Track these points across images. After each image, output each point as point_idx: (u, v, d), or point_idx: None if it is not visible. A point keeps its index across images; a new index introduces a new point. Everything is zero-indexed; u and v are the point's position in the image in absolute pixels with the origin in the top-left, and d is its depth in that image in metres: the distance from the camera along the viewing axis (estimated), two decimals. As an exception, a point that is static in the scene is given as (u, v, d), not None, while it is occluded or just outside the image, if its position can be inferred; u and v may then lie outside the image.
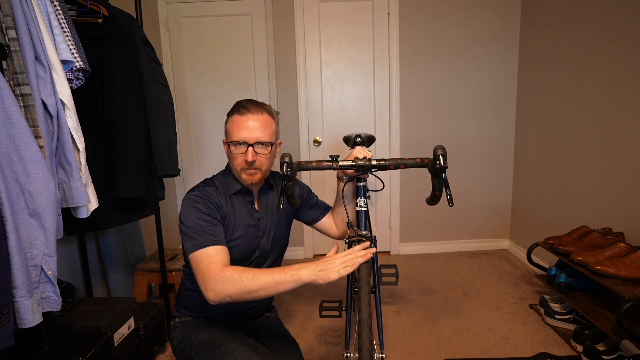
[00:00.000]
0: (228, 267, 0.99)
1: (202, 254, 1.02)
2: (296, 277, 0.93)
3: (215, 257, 1.01)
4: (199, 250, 1.03)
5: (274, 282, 0.94)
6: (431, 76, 2.81)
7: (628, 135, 1.82)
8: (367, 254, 0.95)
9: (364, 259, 0.95)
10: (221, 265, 1.00)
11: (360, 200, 1.25)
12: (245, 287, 0.94)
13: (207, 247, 1.03)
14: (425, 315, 2.09)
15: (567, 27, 2.22)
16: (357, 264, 0.93)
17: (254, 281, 0.94)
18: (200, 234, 1.05)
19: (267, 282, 0.94)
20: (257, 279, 0.94)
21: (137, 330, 1.61)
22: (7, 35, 0.97)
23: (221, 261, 1.01)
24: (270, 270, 0.96)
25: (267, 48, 2.79)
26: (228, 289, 0.95)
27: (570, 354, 1.71)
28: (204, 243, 1.04)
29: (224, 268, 0.99)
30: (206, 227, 1.07)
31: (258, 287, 0.94)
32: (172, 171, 1.74)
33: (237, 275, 0.96)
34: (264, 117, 1.12)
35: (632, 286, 1.44)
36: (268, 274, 0.95)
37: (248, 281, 0.94)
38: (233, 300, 0.97)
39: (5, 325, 0.90)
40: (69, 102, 1.11)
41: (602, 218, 2.00)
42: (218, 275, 0.97)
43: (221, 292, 0.96)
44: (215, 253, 1.03)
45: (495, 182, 2.96)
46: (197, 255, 1.03)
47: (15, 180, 0.95)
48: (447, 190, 0.99)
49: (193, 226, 1.07)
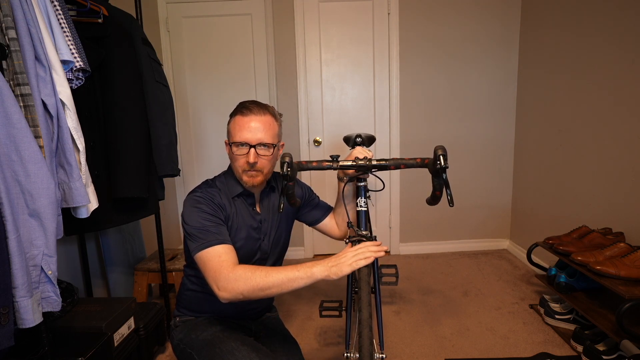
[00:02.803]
0: (240, 266, 1.00)
1: (210, 252, 1.02)
2: (309, 274, 0.94)
3: (225, 256, 1.01)
4: (206, 249, 1.02)
5: (287, 279, 0.94)
6: (431, 76, 2.81)
7: (628, 135, 1.82)
8: (380, 251, 0.97)
9: (377, 254, 0.96)
10: (232, 263, 1.00)
11: (360, 200, 1.25)
12: (258, 284, 0.94)
13: (214, 246, 1.03)
14: (425, 315, 2.09)
15: (567, 28, 2.23)
16: (371, 258, 0.94)
17: (267, 278, 0.95)
18: (206, 233, 1.05)
19: (280, 279, 0.94)
20: (270, 276, 0.95)
21: (137, 330, 1.60)
22: (7, 35, 0.96)
23: (232, 259, 1.02)
24: (283, 268, 0.97)
25: (267, 48, 2.79)
26: (240, 286, 0.95)
27: (570, 354, 1.71)
28: (210, 242, 1.03)
29: (236, 266, 0.99)
30: (211, 226, 1.07)
31: (271, 284, 0.94)
32: (172, 171, 1.74)
33: (250, 273, 0.96)
34: (266, 119, 1.12)
35: (632, 286, 1.44)
36: (281, 272, 0.95)
37: (261, 278, 0.95)
38: (245, 298, 0.97)
39: (5, 325, 0.90)
40: (69, 102, 1.11)
41: (602, 218, 2.00)
42: (230, 274, 0.97)
43: (234, 290, 0.96)
44: (225, 252, 1.03)
45: (495, 182, 2.96)
46: (204, 254, 1.02)
47: (15, 180, 0.94)
48: (447, 190, 0.99)
49: (197, 226, 1.06)
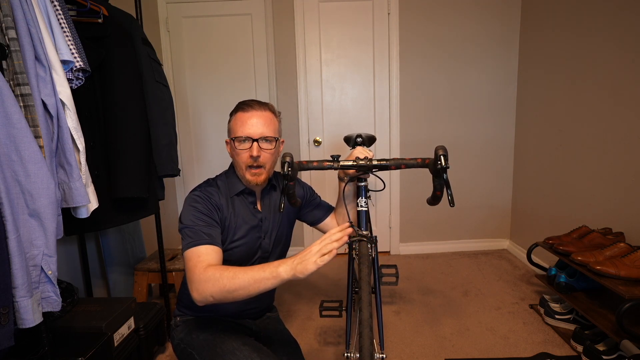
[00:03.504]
0: (211, 267, 0.96)
1: (192, 252, 1.02)
2: (275, 274, 0.88)
3: (204, 257, 1.00)
4: (191, 248, 1.02)
5: (253, 281, 0.89)
6: (431, 76, 2.81)
7: (628, 136, 1.82)
8: (343, 237, 0.89)
9: (339, 243, 0.88)
10: (207, 264, 0.98)
11: (361, 200, 1.25)
12: (225, 286, 0.91)
13: (198, 245, 1.02)
14: (425, 315, 2.09)
15: (567, 28, 2.23)
16: (334, 251, 0.86)
17: (234, 280, 0.90)
18: (196, 233, 1.05)
19: (247, 280, 0.90)
20: (237, 277, 0.90)
21: (137, 330, 1.60)
22: (7, 35, 0.96)
23: (208, 260, 0.99)
24: (250, 268, 0.92)
25: (267, 48, 2.79)
26: (209, 288, 0.92)
27: (570, 354, 1.71)
28: (197, 242, 1.03)
29: (208, 267, 0.96)
30: (202, 226, 1.07)
31: (237, 286, 0.90)
32: (172, 171, 1.74)
33: (219, 274, 0.93)
34: (267, 114, 1.14)
35: (632, 286, 1.44)
36: (248, 272, 0.91)
37: (228, 280, 0.91)
38: (216, 301, 0.94)
39: (5, 325, 0.90)
40: (69, 102, 1.11)
41: (602, 218, 2.00)
42: (201, 274, 0.95)
43: (204, 292, 0.93)
44: (205, 252, 1.01)
45: (495, 182, 2.96)
46: (188, 253, 1.02)
47: (15, 180, 0.94)
48: (448, 190, 0.99)
49: (190, 225, 1.07)
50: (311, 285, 2.53)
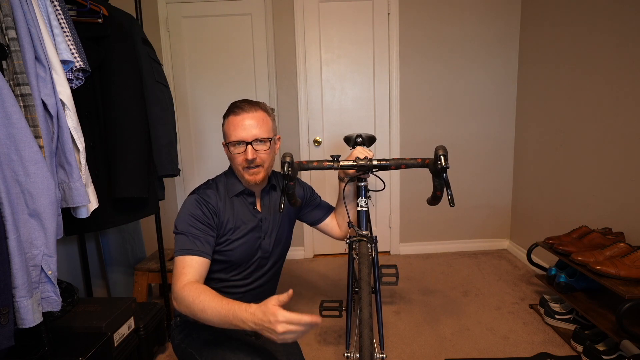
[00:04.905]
0: (188, 286, 0.97)
1: (179, 261, 1.04)
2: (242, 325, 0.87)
3: (187, 269, 1.02)
4: (179, 256, 1.05)
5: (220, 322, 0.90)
6: (431, 76, 2.81)
7: (628, 136, 1.82)
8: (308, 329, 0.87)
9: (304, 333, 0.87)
10: (187, 280, 0.99)
11: (361, 200, 1.25)
12: (195, 314, 0.93)
13: (186, 255, 1.04)
14: (425, 315, 2.09)
15: (567, 27, 2.23)
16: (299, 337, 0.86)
17: (204, 314, 0.91)
18: (187, 241, 1.06)
19: (214, 318, 0.90)
20: (205, 312, 0.91)
21: (137, 330, 1.60)
22: (7, 35, 0.96)
23: (191, 275, 1.01)
24: (221, 306, 0.90)
25: (267, 48, 2.79)
26: (182, 309, 0.96)
27: (570, 354, 1.71)
28: (186, 251, 1.05)
29: (185, 286, 0.97)
30: (194, 235, 1.08)
31: (205, 320, 0.92)
32: (172, 171, 1.74)
33: (191, 299, 0.94)
34: (259, 114, 1.13)
35: (632, 286, 1.44)
36: (219, 310, 0.89)
37: (198, 311, 0.92)
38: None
39: (5, 325, 0.90)
40: (69, 102, 1.11)
41: (602, 218, 2.00)
42: (178, 291, 0.97)
43: (179, 307, 0.98)
44: (190, 264, 1.03)
45: (495, 182, 2.96)
46: (176, 259, 1.05)
47: (15, 180, 0.94)
48: (448, 190, 0.99)
49: (183, 231, 1.08)
50: (311, 285, 2.53)
